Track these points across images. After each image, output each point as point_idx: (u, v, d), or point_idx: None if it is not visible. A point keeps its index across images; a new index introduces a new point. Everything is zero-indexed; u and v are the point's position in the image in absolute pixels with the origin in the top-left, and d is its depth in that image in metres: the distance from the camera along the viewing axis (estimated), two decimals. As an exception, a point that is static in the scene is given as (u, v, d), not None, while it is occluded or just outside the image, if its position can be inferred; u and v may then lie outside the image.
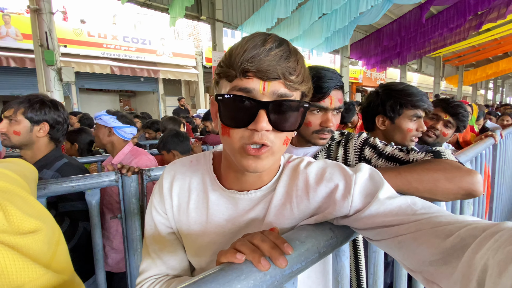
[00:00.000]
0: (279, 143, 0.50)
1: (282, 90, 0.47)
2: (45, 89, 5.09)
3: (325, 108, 0.88)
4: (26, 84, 7.90)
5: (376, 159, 0.84)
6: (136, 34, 9.93)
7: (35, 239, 0.49)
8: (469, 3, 7.45)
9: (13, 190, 0.55)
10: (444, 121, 1.51)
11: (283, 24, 8.17)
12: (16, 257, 0.44)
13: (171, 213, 0.62)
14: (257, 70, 0.45)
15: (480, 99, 26.54)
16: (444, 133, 1.51)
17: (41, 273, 0.47)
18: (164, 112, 10.84)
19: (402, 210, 0.47)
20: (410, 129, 1.14)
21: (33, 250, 0.49)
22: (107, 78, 9.43)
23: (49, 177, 1.23)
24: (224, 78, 0.50)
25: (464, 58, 16.86)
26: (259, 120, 0.46)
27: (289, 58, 0.47)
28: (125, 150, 1.74)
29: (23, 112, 1.22)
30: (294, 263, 0.42)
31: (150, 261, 0.63)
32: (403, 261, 0.45)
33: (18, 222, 0.48)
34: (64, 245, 0.63)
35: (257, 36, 0.49)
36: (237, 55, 0.47)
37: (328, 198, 0.53)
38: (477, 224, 0.38)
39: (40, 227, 0.52)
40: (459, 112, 1.50)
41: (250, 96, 0.47)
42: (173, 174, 0.64)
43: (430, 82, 18.15)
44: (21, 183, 0.64)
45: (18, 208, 0.50)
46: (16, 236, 0.46)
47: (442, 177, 0.67)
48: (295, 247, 0.44)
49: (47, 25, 4.92)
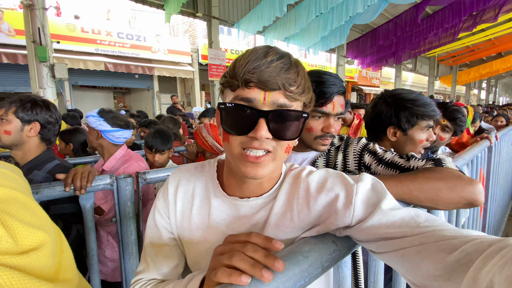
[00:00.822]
0: (281, 150, 0.52)
1: (282, 100, 0.49)
2: (37, 86, 5.00)
3: (327, 114, 0.86)
4: (18, 81, 7.75)
5: (376, 165, 0.84)
6: (130, 31, 9.79)
7: (39, 256, 0.48)
8: (464, 4, 7.52)
9: (14, 196, 0.53)
10: (441, 125, 1.51)
11: (279, 22, 8.16)
12: (21, 276, 0.43)
13: (174, 218, 0.63)
14: (258, 81, 0.48)
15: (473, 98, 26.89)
16: (441, 137, 1.52)
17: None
18: (159, 110, 10.74)
19: (405, 222, 0.46)
20: (422, 140, 1.09)
21: (37, 267, 0.47)
22: (101, 75, 9.29)
23: (40, 178, 1.21)
24: (228, 88, 0.53)
25: (458, 58, 17.05)
26: (259, 128, 0.48)
27: (289, 70, 0.50)
28: (117, 156, 1.60)
29: (14, 111, 1.20)
30: (297, 279, 0.41)
31: (145, 265, 0.65)
32: (406, 275, 0.45)
33: (22, 239, 0.46)
34: (69, 251, 0.62)
35: (260, 48, 0.51)
36: (240, 66, 0.49)
37: (328, 207, 0.53)
38: (483, 239, 0.37)
39: (45, 240, 0.50)
40: (457, 117, 1.50)
41: (251, 105, 0.49)
42: (178, 179, 0.65)
43: (425, 81, 18.31)
44: (20, 182, 0.62)
45: (20, 221, 0.48)
46: (19, 257, 0.44)
47: (443, 186, 0.66)
48: (298, 262, 0.43)
49: (40, 21, 4.82)
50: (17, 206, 0.51)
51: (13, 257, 0.43)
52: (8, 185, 0.54)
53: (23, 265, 0.44)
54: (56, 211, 1.20)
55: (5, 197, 0.51)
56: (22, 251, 0.45)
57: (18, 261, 0.44)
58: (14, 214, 0.48)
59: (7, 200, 0.51)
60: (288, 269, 0.41)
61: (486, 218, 2.30)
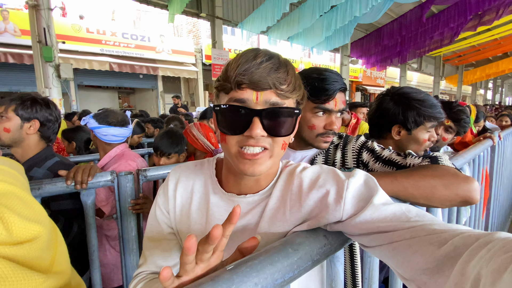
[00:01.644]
0: (277, 147, 0.54)
1: (274, 99, 0.51)
2: (43, 86, 5.06)
3: (329, 110, 0.86)
4: (24, 81, 7.85)
5: (374, 163, 0.84)
6: (135, 31, 9.88)
7: (32, 248, 0.49)
8: (470, 3, 7.44)
9: (12, 191, 0.54)
10: (445, 126, 1.50)
11: (283, 22, 8.14)
12: (13, 266, 0.44)
13: (174, 213, 0.65)
14: (249, 82, 0.50)
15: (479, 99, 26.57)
16: (444, 138, 1.51)
17: (40, 281, 0.47)
18: (163, 109, 10.80)
19: (396, 216, 0.47)
20: (425, 140, 1.10)
21: (30, 259, 0.48)
22: (106, 75, 9.38)
23: (40, 175, 1.22)
24: (222, 91, 0.55)
25: (464, 57, 16.84)
26: (254, 127, 0.50)
27: (279, 69, 0.51)
28: (111, 154, 1.55)
29: (14, 109, 1.21)
30: (286, 271, 0.42)
31: (144, 258, 0.66)
32: (396, 268, 0.45)
33: (17, 231, 0.47)
34: (63, 245, 0.64)
35: (249, 51, 0.53)
36: (232, 69, 0.51)
37: (320, 202, 0.54)
38: (470, 232, 0.38)
39: (40, 233, 0.51)
40: (462, 118, 1.48)
41: (244, 106, 0.51)
42: (178, 176, 0.67)
43: (430, 81, 18.14)
44: (19, 179, 0.63)
45: (17, 214, 0.49)
46: (12, 247, 0.46)
47: (438, 183, 0.66)
48: (287, 255, 0.44)
49: (46, 21, 4.88)
50: (15, 200, 0.52)
51: (6, 247, 0.44)
52: (7, 180, 0.56)
53: (16, 256, 0.46)
54: (57, 207, 1.21)
55: (4, 191, 0.52)
56: (16, 243, 0.46)
57: (11, 251, 0.45)
58: (12, 207, 0.50)
59: (6, 194, 0.52)
60: (277, 261, 0.42)
61: (489, 218, 2.28)
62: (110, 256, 1.57)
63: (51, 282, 0.49)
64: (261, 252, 0.43)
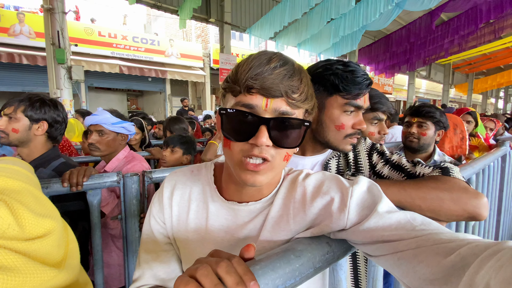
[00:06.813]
0: (279, 158, 0.51)
1: (284, 107, 0.49)
2: (55, 87, 5.18)
3: (360, 107, 0.78)
4: (37, 81, 8.04)
5: (382, 165, 0.82)
6: (145, 35, 10.06)
7: (43, 244, 0.49)
8: (481, 11, 7.35)
9: (27, 188, 0.55)
10: (415, 123, 1.60)
11: (291, 28, 8.18)
12: (25, 260, 0.44)
13: (170, 223, 0.62)
14: (260, 87, 0.47)
15: (490, 107, 26.10)
16: (422, 133, 1.58)
17: (52, 275, 0.48)
18: (170, 112, 10.93)
19: (401, 225, 0.46)
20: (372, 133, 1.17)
21: (41, 254, 0.49)
22: (115, 77, 9.54)
23: (46, 176, 1.23)
24: (229, 93, 0.52)
25: (474, 65, 16.62)
26: (260, 136, 0.47)
27: (292, 77, 0.49)
28: (119, 156, 1.59)
29: (23, 110, 1.23)
30: (288, 278, 0.42)
31: (141, 271, 0.63)
32: (402, 278, 0.44)
33: (30, 227, 0.48)
34: (75, 243, 0.63)
35: (263, 54, 0.50)
36: (243, 72, 0.48)
37: (324, 210, 0.53)
38: (478, 242, 0.37)
39: (52, 228, 0.52)
40: (422, 110, 1.59)
41: (252, 112, 0.48)
42: (174, 183, 0.64)
43: (439, 89, 17.92)
44: (33, 179, 0.65)
45: (30, 210, 0.49)
46: (24, 242, 0.46)
47: (447, 197, 0.64)
48: (289, 261, 0.43)
49: (59, 24, 5.02)
50: (30, 197, 0.53)
51: (19, 242, 0.45)
52: (21, 179, 0.57)
53: (28, 251, 0.46)
54: (63, 208, 1.23)
55: (19, 189, 0.53)
56: (28, 238, 0.47)
57: (23, 246, 0.46)
58: (26, 203, 0.50)
59: (21, 191, 0.53)
60: (279, 267, 0.41)
61: (499, 231, 2.22)
62: (116, 257, 1.58)
63: (61, 277, 0.50)
64: (262, 258, 0.43)
